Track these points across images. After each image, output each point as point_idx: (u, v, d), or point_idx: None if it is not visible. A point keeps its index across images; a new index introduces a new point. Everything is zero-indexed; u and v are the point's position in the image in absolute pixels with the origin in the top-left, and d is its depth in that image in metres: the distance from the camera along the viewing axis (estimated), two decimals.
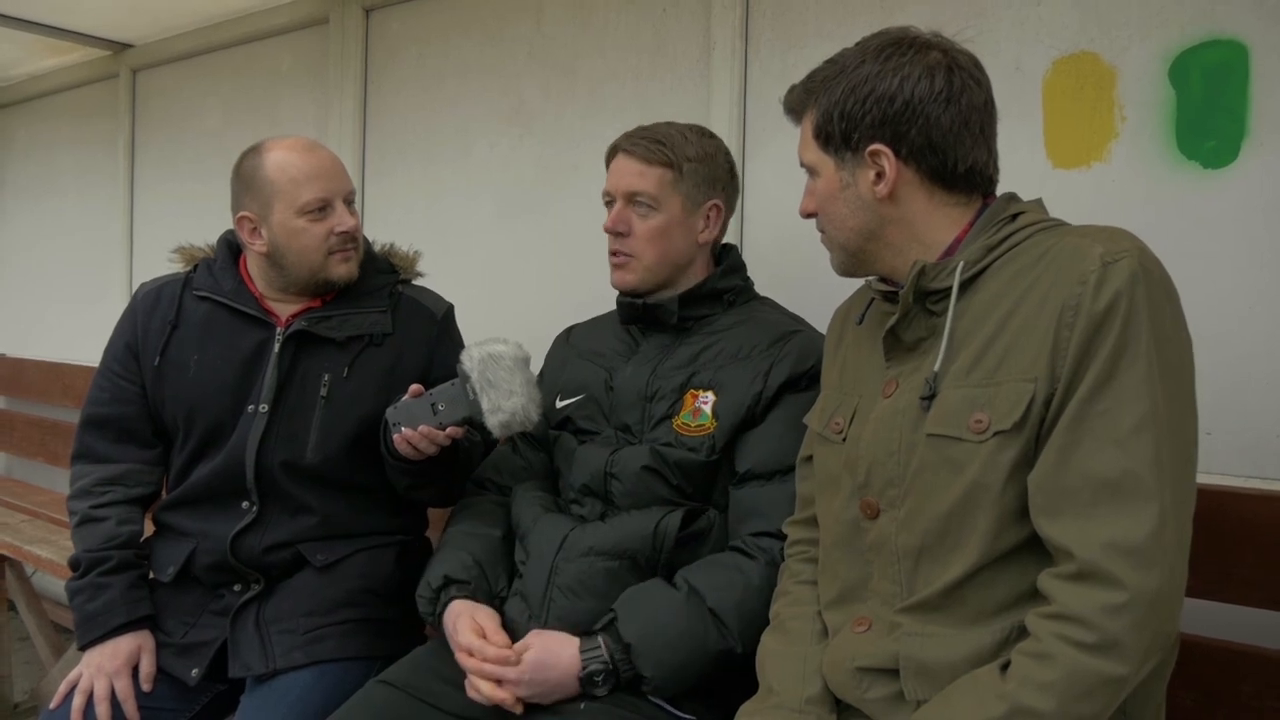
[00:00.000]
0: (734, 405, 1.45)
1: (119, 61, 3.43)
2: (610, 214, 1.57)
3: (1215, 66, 1.47)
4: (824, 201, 1.17)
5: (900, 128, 1.09)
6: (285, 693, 1.52)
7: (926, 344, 1.11)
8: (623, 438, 1.53)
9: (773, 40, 1.96)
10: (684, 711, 1.35)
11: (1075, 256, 0.99)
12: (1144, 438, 0.93)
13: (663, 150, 1.53)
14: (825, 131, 1.14)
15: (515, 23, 2.39)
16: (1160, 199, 1.52)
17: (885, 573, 1.10)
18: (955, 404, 1.03)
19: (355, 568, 1.66)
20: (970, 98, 1.09)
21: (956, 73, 1.09)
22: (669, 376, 1.51)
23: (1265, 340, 1.44)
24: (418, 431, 1.50)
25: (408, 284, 1.80)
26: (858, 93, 1.10)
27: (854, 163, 1.13)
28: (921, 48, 1.10)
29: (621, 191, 1.55)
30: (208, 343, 1.67)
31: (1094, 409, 0.95)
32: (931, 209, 1.12)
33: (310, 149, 1.64)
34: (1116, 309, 0.95)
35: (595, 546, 1.43)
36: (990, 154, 1.13)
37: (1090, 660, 0.91)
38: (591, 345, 1.66)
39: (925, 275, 1.08)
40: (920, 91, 1.07)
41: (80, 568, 1.62)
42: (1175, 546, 0.94)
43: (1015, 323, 1.01)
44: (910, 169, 1.10)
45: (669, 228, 1.54)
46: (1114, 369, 0.94)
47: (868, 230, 1.15)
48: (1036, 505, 0.98)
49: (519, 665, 1.33)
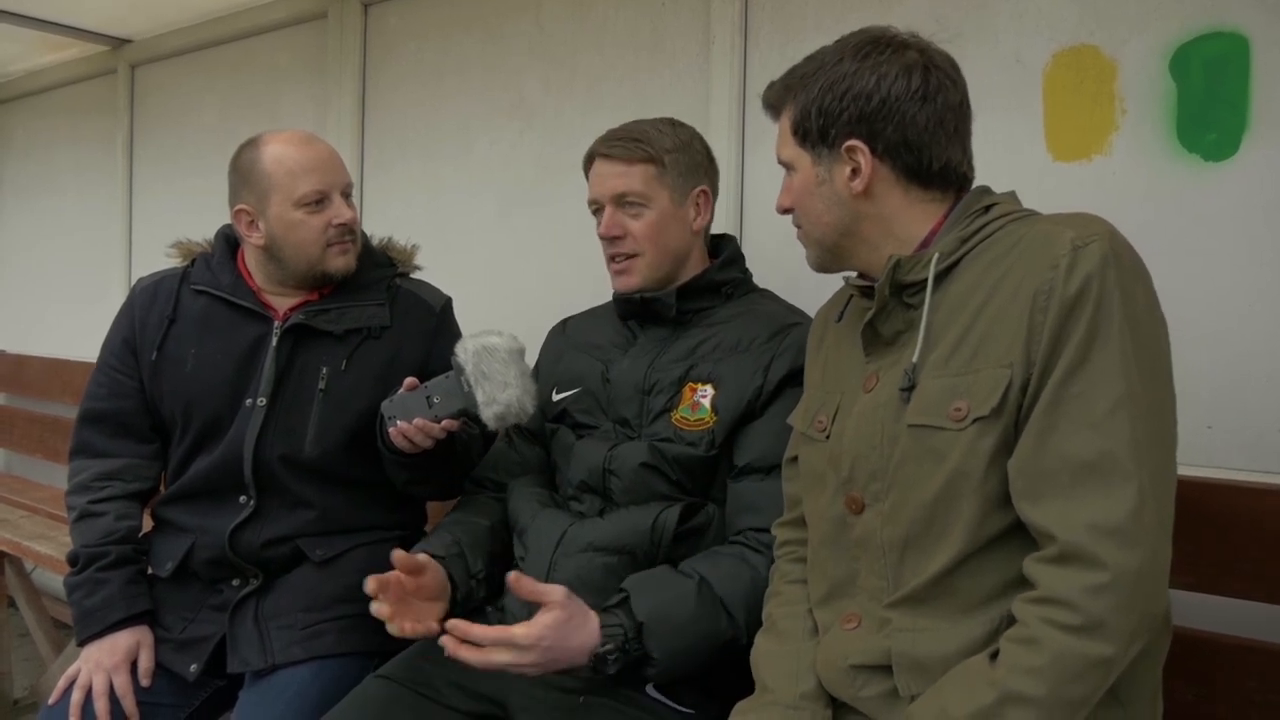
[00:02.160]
0: (733, 400, 1.45)
1: (117, 57, 3.42)
2: (602, 221, 1.56)
3: (1216, 59, 1.47)
4: (800, 197, 1.19)
5: (876, 125, 1.10)
6: (284, 688, 1.52)
7: (904, 337, 1.11)
8: (621, 432, 1.52)
9: (771, 35, 1.96)
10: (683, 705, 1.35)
11: (1047, 242, 1.00)
12: (1120, 418, 0.93)
13: (641, 147, 1.52)
14: (803, 128, 1.15)
15: (514, 18, 2.39)
16: (1161, 192, 1.52)
17: (872, 567, 1.11)
18: (935, 393, 1.04)
19: (354, 563, 1.65)
20: (946, 97, 1.11)
21: (933, 72, 1.10)
22: (667, 369, 1.50)
23: (1266, 334, 1.44)
24: (413, 424, 1.50)
25: (406, 277, 1.80)
26: (835, 89, 1.11)
27: (830, 159, 1.14)
28: (899, 47, 1.12)
29: (609, 195, 1.54)
30: (205, 337, 1.67)
31: (1069, 392, 0.95)
32: (907, 205, 1.13)
33: (307, 141, 1.64)
34: (1088, 292, 0.95)
35: (594, 542, 1.43)
36: (965, 152, 1.14)
37: (1076, 642, 0.91)
38: (588, 337, 1.66)
39: (900, 269, 1.09)
40: (897, 90, 1.09)
41: (79, 563, 1.61)
42: (1156, 525, 0.94)
43: (990, 310, 1.02)
44: (885, 165, 1.12)
45: (663, 222, 1.54)
46: (1088, 352, 0.95)
47: (843, 226, 1.16)
48: (1018, 490, 0.98)
49: (534, 628, 1.23)
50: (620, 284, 1.56)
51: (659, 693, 1.35)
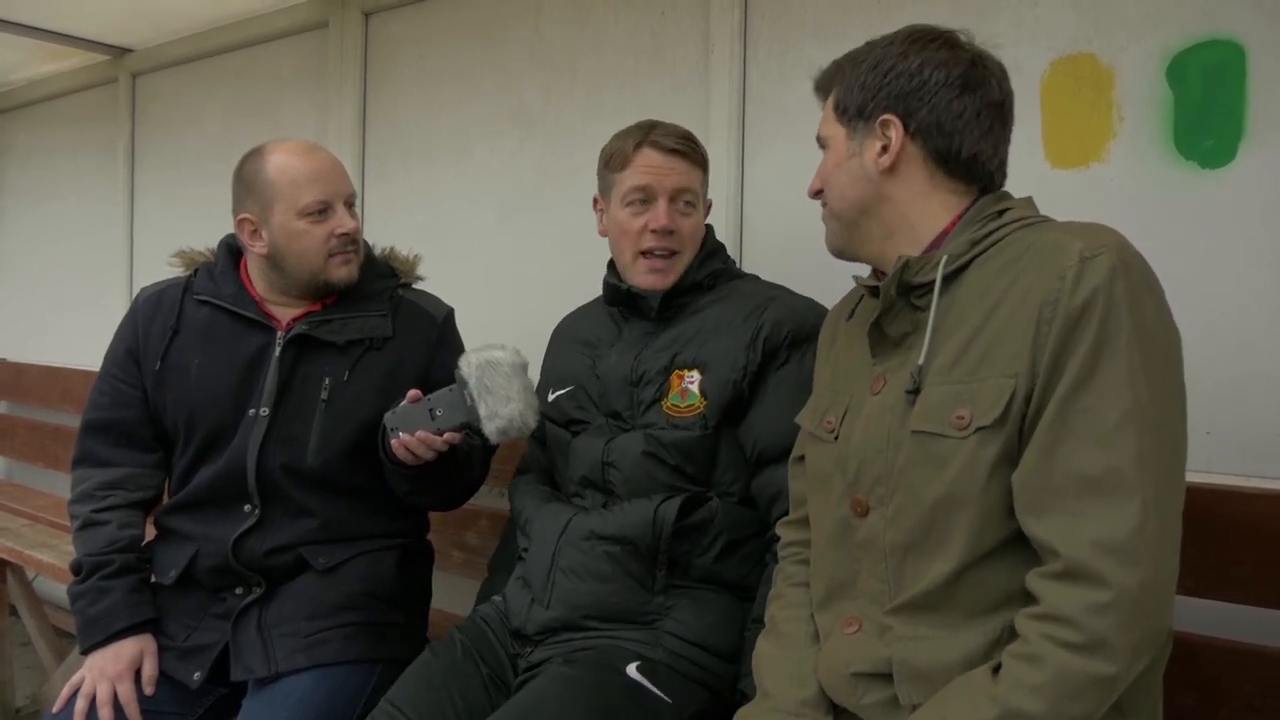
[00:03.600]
0: (721, 382, 1.47)
1: (119, 66, 3.43)
2: (658, 211, 1.54)
3: (1213, 66, 1.48)
4: (829, 172, 1.20)
5: (913, 104, 1.12)
6: (287, 695, 1.52)
7: (911, 339, 1.11)
8: (614, 425, 1.54)
9: (771, 43, 1.97)
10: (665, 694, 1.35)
11: (1055, 252, 0.99)
12: (1126, 434, 0.93)
13: (699, 150, 1.59)
14: (844, 103, 1.17)
15: (514, 25, 2.39)
16: (1158, 199, 1.53)
17: (873, 571, 1.11)
18: (938, 400, 1.04)
19: (356, 571, 1.66)
20: (987, 94, 1.12)
21: (979, 68, 1.12)
22: (652, 359, 1.53)
23: (1264, 339, 1.44)
24: (415, 437, 1.51)
25: (408, 287, 1.81)
26: (880, 68, 1.14)
27: (864, 132, 1.15)
28: (953, 43, 1.14)
29: (669, 189, 1.55)
30: (209, 347, 1.67)
31: (1075, 406, 0.95)
32: (929, 192, 1.14)
33: (311, 151, 1.65)
34: (1094, 305, 0.95)
35: (596, 531, 1.45)
36: (996, 152, 1.15)
37: (1078, 660, 0.91)
38: (579, 333, 1.69)
39: (909, 269, 1.09)
40: (939, 76, 1.11)
41: (82, 572, 1.62)
42: (1159, 541, 0.94)
43: (997, 318, 1.02)
44: (915, 145, 1.13)
45: (701, 225, 1.60)
46: (1094, 366, 0.95)
47: (864, 204, 1.16)
48: (1022, 504, 0.98)
49: None
50: (654, 280, 1.56)
51: (640, 675, 1.35)
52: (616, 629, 1.42)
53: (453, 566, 2.22)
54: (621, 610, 1.43)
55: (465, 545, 2.22)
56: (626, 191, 1.56)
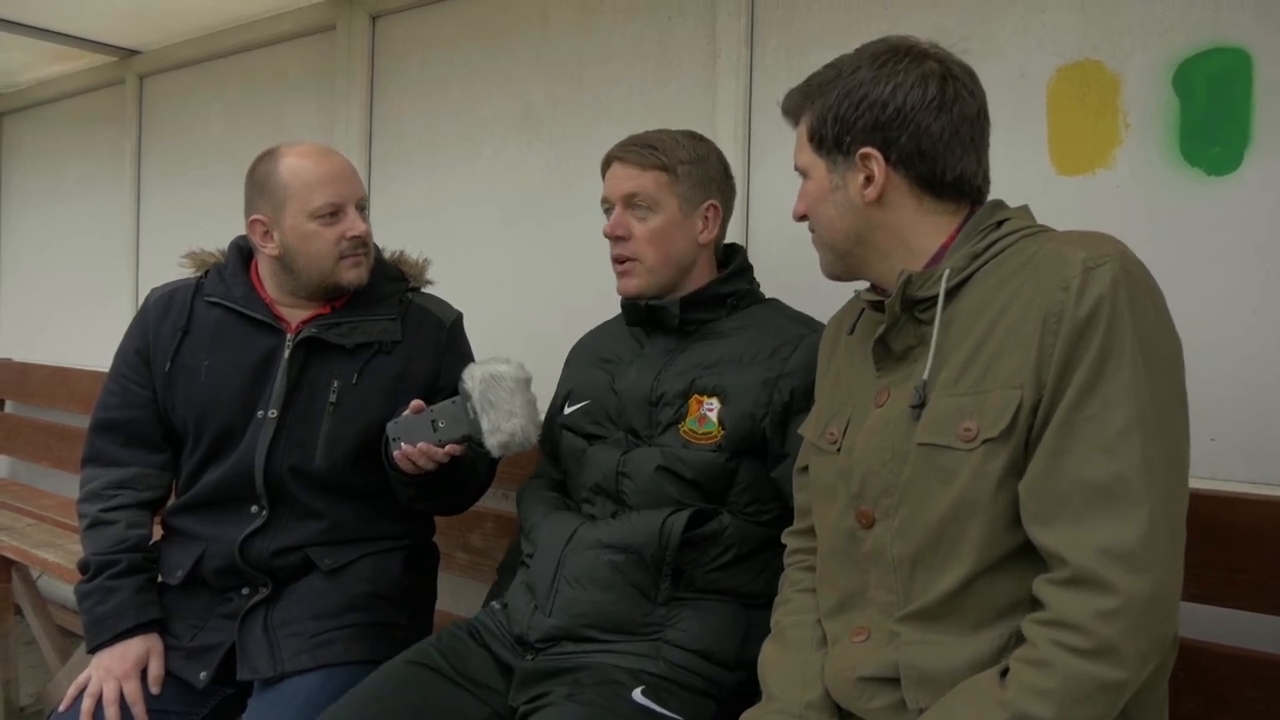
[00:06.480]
0: (740, 414, 1.46)
1: (125, 68, 3.44)
2: (610, 219, 1.58)
3: (1219, 74, 1.48)
4: (814, 204, 1.19)
5: (891, 133, 1.10)
6: (292, 695, 1.52)
7: (916, 352, 1.12)
8: (631, 440, 1.53)
9: (778, 48, 1.97)
10: (671, 710, 1.35)
11: (1058, 262, 1.00)
12: (1132, 441, 0.94)
13: (655, 154, 1.55)
14: (819, 134, 1.16)
15: (521, 29, 2.40)
16: (1164, 206, 1.53)
17: (882, 582, 1.11)
18: (944, 412, 1.04)
19: (362, 572, 1.67)
20: (963, 108, 1.11)
21: (950, 82, 1.10)
22: (672, 381, 1.52)
23: (1269, 346, 1.45)
24: (416, 448, 1.52)
25: (417, 291, 1.81)
26: (851, 97, 1.12)
27: (845, 166, 1.14)
28: (918, 56, 1.12)
29: (619, 196, 1.57)
30: (218, 349, 1.68)
31: (1081, 415, 0.96)
32: (919, 216, 1.13)
33: (324, 154, 1.66)
34: (1099, 314, 0.96)
35: (603, 540, 1.45)
36: (980, 164, 1.14)
37: (1087, 666, 0.92)
38: (598, 351, 1.68)
39: (912, 284, 1.09)
40: (913, 99, 1.09)
41: (89, 571, 1.63)
42: (1167, 548, 0.94)
43: (1001, 330, 1.02)
44: (899, 174, 1.12)
45: (668, 229, 1.55)
46: (1100, 374, 0.95)
47: (855, 234, 1.16)
48: (1029, 512, 0.99)
49: None
50: (621, 286, 1.59)
51: (646, 699, 1.35)
52: (616, 641, 1.41)
53: (457, 568, 2.22)
54: (622, 621, 1.42)
55: (470, 547, 2.23)
56: (602, 203, 1.61)
